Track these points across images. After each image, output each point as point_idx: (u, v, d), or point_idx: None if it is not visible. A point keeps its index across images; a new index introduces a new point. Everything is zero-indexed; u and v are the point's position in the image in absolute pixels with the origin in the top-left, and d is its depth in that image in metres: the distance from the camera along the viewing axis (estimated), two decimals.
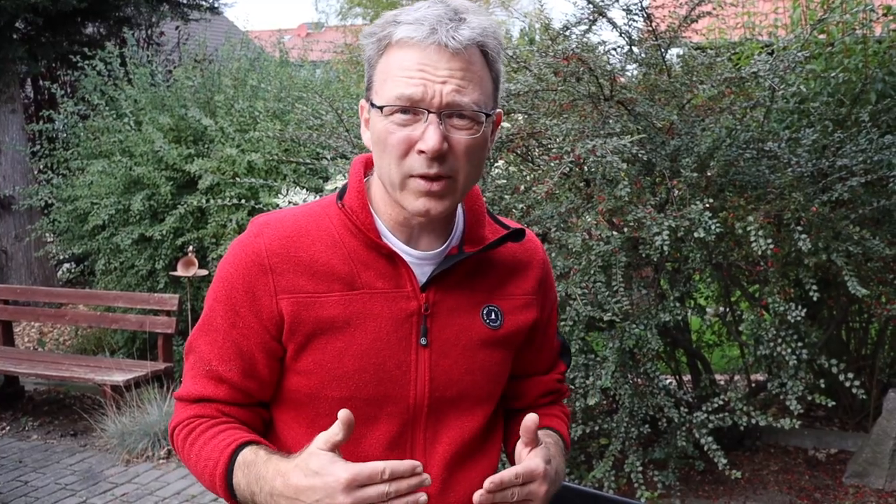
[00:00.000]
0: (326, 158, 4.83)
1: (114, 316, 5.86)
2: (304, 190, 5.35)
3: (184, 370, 1.33)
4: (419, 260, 1.28)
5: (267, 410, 1.34)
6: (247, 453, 1.21)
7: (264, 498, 1.15)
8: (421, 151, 1.17)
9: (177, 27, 9.79)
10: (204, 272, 5.57)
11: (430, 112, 1.16)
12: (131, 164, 6.03)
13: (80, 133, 6.82)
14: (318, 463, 1.08)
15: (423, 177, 1.18)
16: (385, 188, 1.25)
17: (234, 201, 5.38)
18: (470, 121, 1.19)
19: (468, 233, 1.32)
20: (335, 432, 1.09)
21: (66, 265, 8.49)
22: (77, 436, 5.22)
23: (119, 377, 5.06)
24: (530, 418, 1.18)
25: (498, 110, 1.26)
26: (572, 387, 3.59)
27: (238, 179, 5.49)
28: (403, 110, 1.17)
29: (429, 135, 1.16)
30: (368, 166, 1.34)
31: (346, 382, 1.24)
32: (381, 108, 1.18)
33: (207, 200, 5.50)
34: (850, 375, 3.49)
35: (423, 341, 1.27)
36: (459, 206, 1.34)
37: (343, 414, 1.08)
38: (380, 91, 1.20)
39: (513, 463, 1.43)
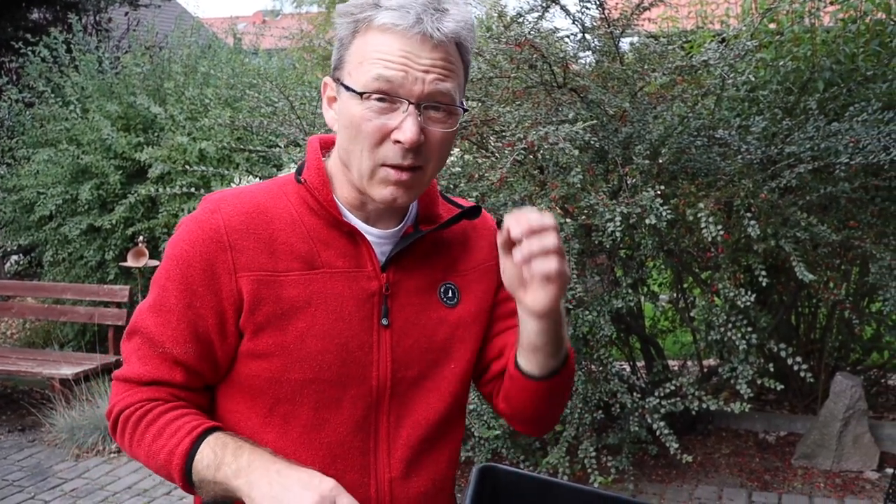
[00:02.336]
0: (279, 146, 4.77)
1: (62, 308, 5.74)
2: (258, 179, 5.29)
3: (125, 351, 1.25)
4: (379, 239, 1.27)
5: (211, 395, 1.30)
6: (222, 434, 1.17)
7: (238, 466, 1.11)
8: (397, 141, 1.15)
9: (126, 13, 9.59)
10: (155, 263, 5.47)
11: (409, 102, 1.14)
12: (79, 153, 5.90)
13: (25, 121, 6.65)
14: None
15: (394, 167, 1.17)
16: (348, 173, 1.23)
17: (186, 190, 5.30)
18: (446, 114, 1.18)
19: (423, 212, 1.31)
20: None
21: (14, 257, 8.29)
22: (25, 431, 5.10)
23: (68, 370, 4.96)
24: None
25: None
26: None
27: (189, 168, 5.39)
28: (381, 98, 1.15)
29: (407, 126, 1.14)
30: (324, 146, 1.31)
31: (309, 364, 1.21)
32: (359, 93, 1.15)
33: (158, 190, 5.40)
34: (799, 359, 3.55)
35: (384, 322, 1.25)
36: None
37: None
38: (355, 73, 1.17)
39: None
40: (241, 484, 1.10)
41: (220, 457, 1.14)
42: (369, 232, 1.26)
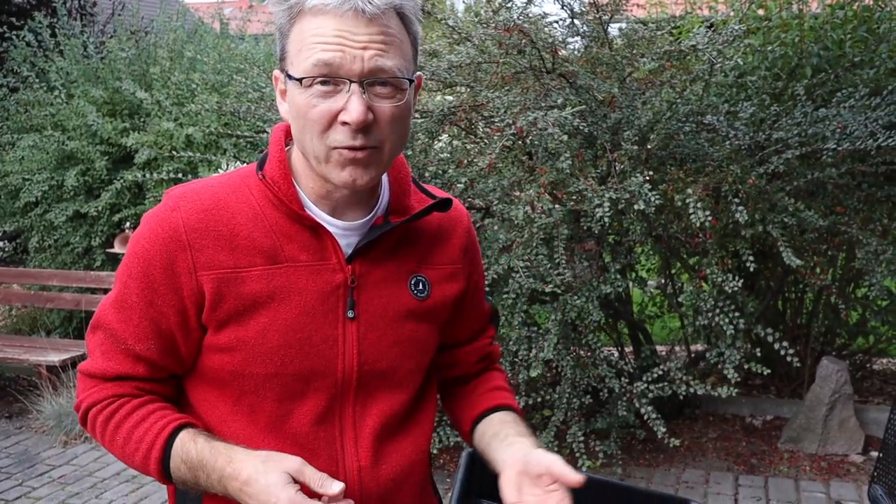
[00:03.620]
0: (266, 132, 4.74)
1: (49, 295, 5.71)
2: (245, 164, 5.25)
3: (89, 345, 1.26)
4: (344, 231, 1.24)
5: (178, 382, 1.31)
6: (185, 438, 1.19)
7: (212, 482, 1.16)
8: (345, 123, 1.12)
9: None
10: None
11: (351, 81, 1.12)
12: (64, 139, 5.85)
13: (9, 106, 6.58)
14: (272, 480, 1.11)
15: (347, 148, 1.14)
16: (308, 162, 1.21)
17: (173, 176, 5.27)
18: (393, 88, 1.15)
19: (393, 203, 1.28)
20: (312, 478, 1.11)
21: None
22: (12, 418, 5.08)
23: (55, 357, 4.94)
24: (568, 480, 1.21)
25: (418, 74, 1.22)
26: (516, 359, 3.61)
27: (176, 154, 5.36)
28: (323, 81, 1.12)
29: (352, 105, 1.11)
30: (289, 135, 1.29)
31: (271, 359, 1.20)
32: (299, 80, 1.13)
33: (144, 175, 5.36)
34: (786, 344, 3.58)
35: (350, 314, 1.23)
36: (384, 176, 1.30)
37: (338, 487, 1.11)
38: (295, 61, 1.15)
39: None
40: (221, 491, 1.17)
41: (192, 472, 1.19)
42: (333, 224, 1.24)
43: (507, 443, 1.30)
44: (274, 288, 1.20)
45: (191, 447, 1.18)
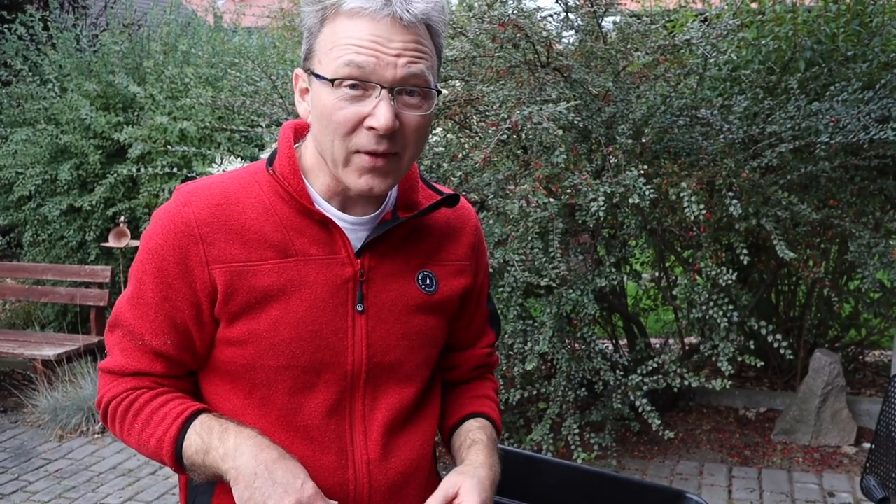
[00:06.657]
0: (261, 126, 4.73)
1: (43, 289, 5.70)
2: (239, 158, 5.25)
3: (108, 343, 1.28)
4: (353, 225, 1.26)
5: (195, 378, 1.32)
6: (207, 417, 1.21)
7: (225, 450, 1.16)
8: (371, 128, 1.14)
9: None
10: (137, 243, 5.43)
11: (382, 87, 1.13)
12: (57, 133, 5.83)
13: (2, 100, 6.55)
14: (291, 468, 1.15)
15: (369, 153, 1.16)
16: (325, 163, 1.22)
17: (167, 170, 5.26)
18: (420, 98, 1.17)
19: (402, 199, 1.30)
20: None
21: None
22: (7, 412, 5.08)
23: (50, 351, 4.94)
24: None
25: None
26: (511, 353, 3.62)
27: (170, 148, 5.35)
28: (353, 85, 1.13)
29: (381, 111, 1.13)
30: (298, 132, 1.30)
31: (282, 351, 1.22)
32: (331, 80, 1.14)
33: (139, 169, 5.36)
34: (779, 337, 3.60)
35: (359, 307, 1.25)
36: None
37: None
38: (325, 61, 1.15)
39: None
40: (229, 469, 1.15)
41: (206, 441, 1.18)
42: (342, 219, 1.25)
43: (461, 458, 1.35)
44: (285, 281, 1.22)
45: (210, 424, 1.19)
